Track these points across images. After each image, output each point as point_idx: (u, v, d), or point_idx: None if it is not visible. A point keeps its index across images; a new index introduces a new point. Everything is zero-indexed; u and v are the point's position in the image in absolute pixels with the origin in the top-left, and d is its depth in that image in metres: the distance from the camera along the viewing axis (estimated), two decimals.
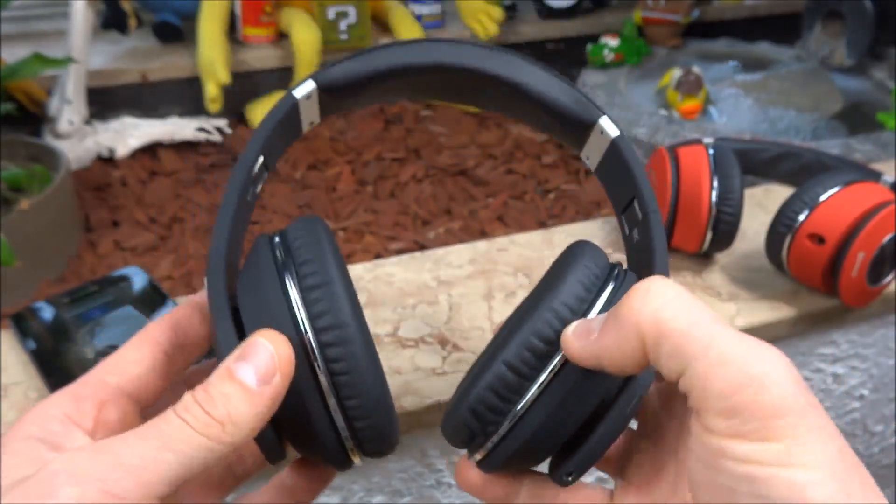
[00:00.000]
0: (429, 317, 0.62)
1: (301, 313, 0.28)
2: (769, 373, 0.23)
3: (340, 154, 1.33)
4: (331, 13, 1.41)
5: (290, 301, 0.28)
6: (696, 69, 1.30)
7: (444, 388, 0.55)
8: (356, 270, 0.67)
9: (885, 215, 0.59)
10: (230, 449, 0.26)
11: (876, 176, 0.73)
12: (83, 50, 1.16)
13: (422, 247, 1.08)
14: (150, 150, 1.27)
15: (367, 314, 0.62)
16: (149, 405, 0.31)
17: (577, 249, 0.32)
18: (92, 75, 1.23)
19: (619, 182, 0.35)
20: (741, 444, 0.23)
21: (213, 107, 1.31)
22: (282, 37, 1.44)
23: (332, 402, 0.28)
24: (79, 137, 1.21)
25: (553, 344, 0.29)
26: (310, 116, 0.35)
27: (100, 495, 0.24)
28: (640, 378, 0.30)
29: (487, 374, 0.29)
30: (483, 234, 1.11)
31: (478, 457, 0.32)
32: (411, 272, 0.67)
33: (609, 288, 0.30)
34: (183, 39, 1.39)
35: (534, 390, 0.29)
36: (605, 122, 0.35)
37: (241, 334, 0.29)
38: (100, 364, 0.30)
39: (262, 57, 1.42)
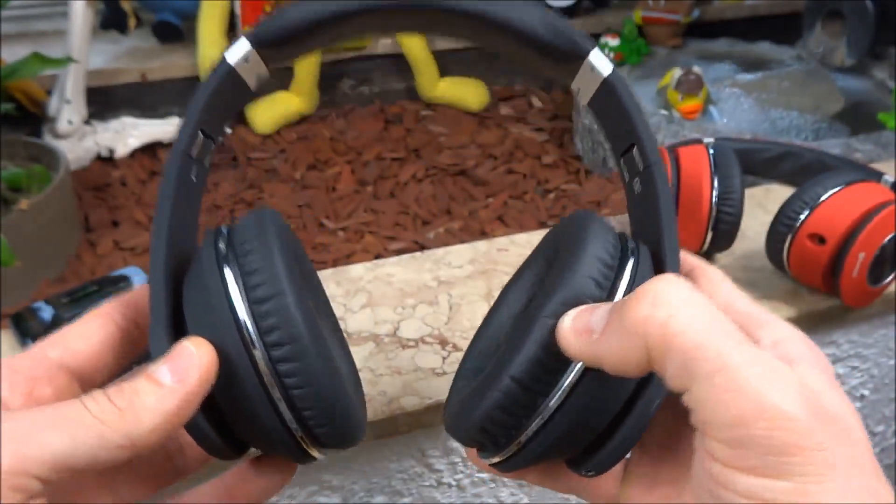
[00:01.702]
0: (429, 317, 0.61)
1: (243, 308, 0.27)
2: (782, 404, 0.21)
3: (340, 154, 1.33)
4: None
5: (230, 295, 0.27)
6: (696, 69, 1.30)
7: (444, 388, 0.55)
8: (356, 270, 0.67)
9: (885, 215, 0.59)
10: (126, 442, 0.24)
11: (877, 176, 0.73)
12: (83, 50, 1.15)
13: (422, 247, 1.08)
14: (150, 150, 1.27)
15: (367, 314, 0.62)
16: (97, 384, 0.29)
17: (583, 226, 0.29)
18: (91, 75, 1.23)
19: (615, 124, 0.32)
20: (746, 477, 0.22)
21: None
22: None
23: (276, 393, 0.27)
24: (78, 137, 1.21)
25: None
26: (255, 72, 0.31)
27: None
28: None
29: (499, 386, 0.27)
30: (483, 234, 1.11)
31: (493, 460, 0.29)
32: (411, 272, 0.67)
33: (627, 274, 0.28)
34: (183, 39, 1.39)
35: (554, 401, 0.27)
36: (596, 58, 0.30)
37: (183, 329, 0.28)
38: (46, 338, 0.28)
39: None
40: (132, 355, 0.30)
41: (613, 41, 1.43)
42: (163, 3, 1.37)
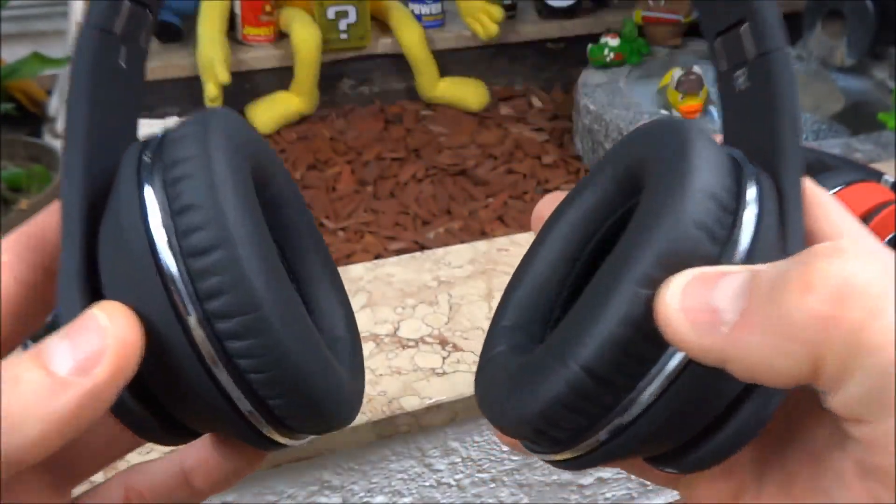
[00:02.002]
0: (429, 317, 0.61)
1: (171, 260, 0.19)
2: None
3: (340, 154, 1.33)
4: (331, 13, 1.41)
5: (154, 242, 0.19)
6: (696, 69, 1.30)
7: (444, 388, 0.55)
8: (356, 270, 0.67)
9: (885, 215, 0.59)
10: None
11: (877, 176, 0.73)
12: None
13: (422, 247, 1.08)
14: None
15: (367, 314, 0.62)
16: None
17: (680, 139, 0.20)
18: None
19: None
20: None
21: (213, 106, 1.31)
22: (282, 36, 1.44)
23: (225, 379, 0.19)
24: None
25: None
26: None
27: None
28: None
29: (566, 377, 0.19)
30: (483, 234, 1.11)
31: (552, 458, 0.22)
32: (411, 272, 0.67)
33: (750, 217, 0.19)
34: (183, 39, 1.39)
35: (644, 398, 0.19)
36: None
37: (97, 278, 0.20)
38: None
39: (261, 57, 1.42)
40: (45, 314, 0.22)
41: (614, 41, 1.43)
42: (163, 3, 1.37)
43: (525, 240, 0.72)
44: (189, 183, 0.19)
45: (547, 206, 0.27)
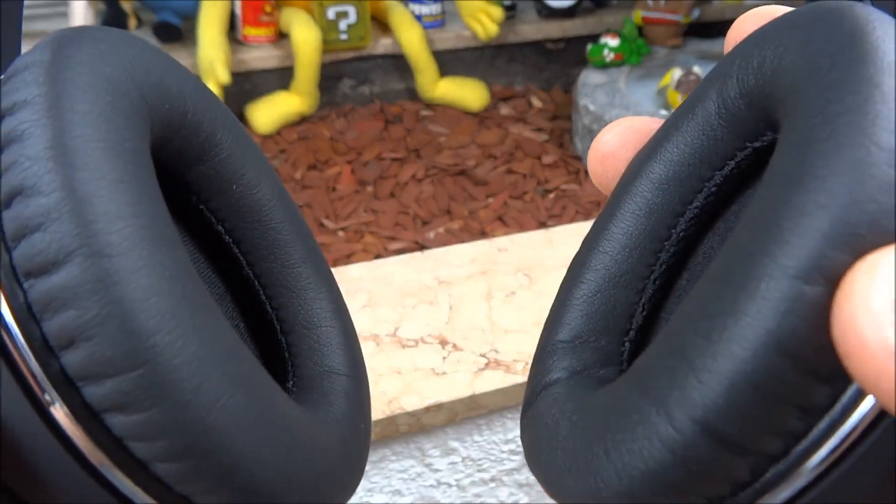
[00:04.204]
0: (429, 317, 0.62)
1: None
2: None
3: (340, 154, 1.33)
4: (331, 13, 1.41)
5: None
6: (696, 69, 1.30)
7: (444, 388, 0.55)
8: (356, 270, 0.67)
9: None
10: None
11: None
12: None
13: (422, 247, 1.08)
14: None
15: (367, 314, 0.62)
16: None
17: (851, 39, 0.12)
18: None
19: None
20: None
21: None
22: (282, 37, 1.45)
23: (116, 477, 0.13)
24: None
25: None
26: None
27: None
28: None
29: (670, 440, 0.12)
30: (483, 234, 1.11)
31: None
32: (411, 272, 0.67)
33: None
34: (182, 39, 1.39)
35: (810, 466, 0.12)
36: None
37: None
38: None
39: (261, 57, 1.42)
40: None
41: (613, 41, 1.43)
42: (163, 4, 1.37)
43: (525, 240, 0.72)
44: (20, 148, 0.12)
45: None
